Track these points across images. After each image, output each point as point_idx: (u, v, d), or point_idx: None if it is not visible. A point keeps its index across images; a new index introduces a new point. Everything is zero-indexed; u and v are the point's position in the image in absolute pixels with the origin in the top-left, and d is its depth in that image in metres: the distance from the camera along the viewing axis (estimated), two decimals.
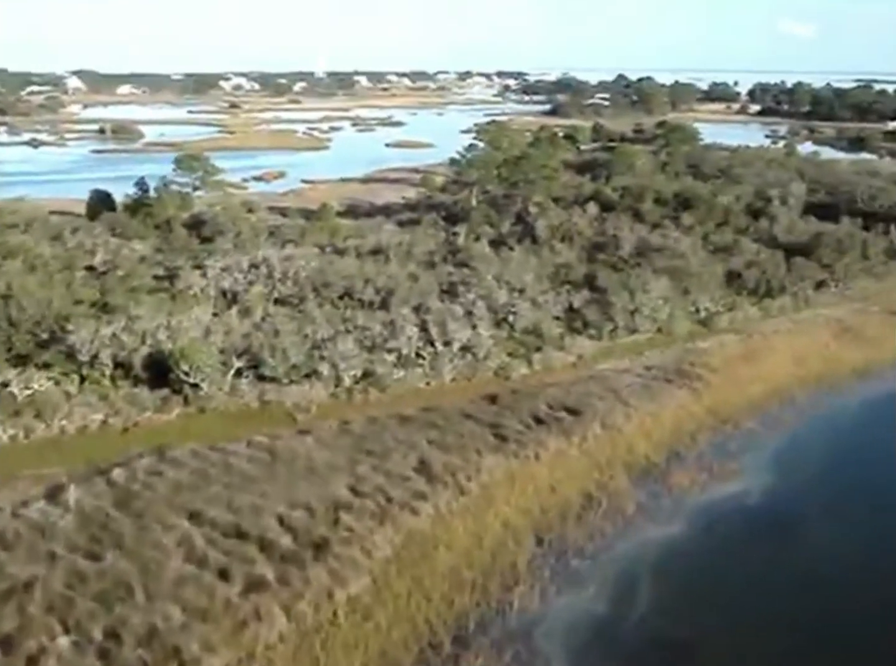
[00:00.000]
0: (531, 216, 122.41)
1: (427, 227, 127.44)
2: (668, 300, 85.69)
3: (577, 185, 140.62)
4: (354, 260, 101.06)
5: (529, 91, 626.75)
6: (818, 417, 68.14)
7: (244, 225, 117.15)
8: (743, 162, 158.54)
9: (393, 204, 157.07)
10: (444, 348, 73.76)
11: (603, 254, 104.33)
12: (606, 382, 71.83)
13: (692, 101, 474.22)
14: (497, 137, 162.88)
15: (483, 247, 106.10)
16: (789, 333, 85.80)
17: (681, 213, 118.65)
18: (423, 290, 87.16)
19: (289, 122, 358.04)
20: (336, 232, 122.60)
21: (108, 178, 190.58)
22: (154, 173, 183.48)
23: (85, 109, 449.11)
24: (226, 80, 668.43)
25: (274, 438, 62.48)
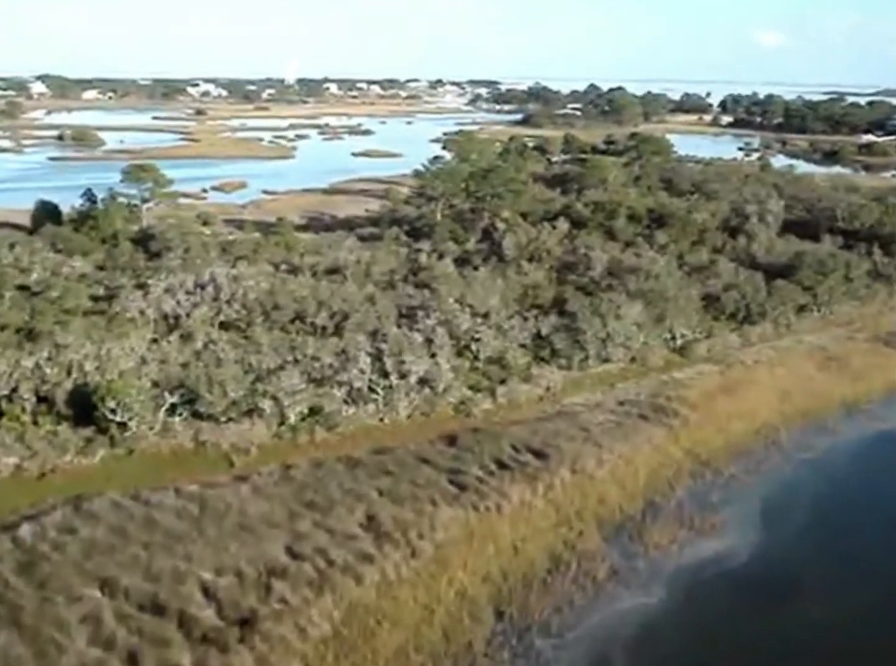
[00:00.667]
0: (498, 232, 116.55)
1: (389, 242, 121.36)
2: (642, 327, 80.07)
3: (547, 200, 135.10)
4: (309, 279, 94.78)
5: (501, 100, 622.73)
6: (806, 461, 62.51)
7: (194, 240, 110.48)
8: (718, 176, 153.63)
9: (355, 217, 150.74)
10: (399, 381, 67.57)
11: (573, 274, 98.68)
12: (576, 420, 65.97)
13: (664, 112, 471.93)
14: (465, 148, 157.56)
15: (447, 266, 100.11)
16: (771, 363, 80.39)
17: (655, 231, 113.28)
18: (380, 315, 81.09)
19: (255, 130, 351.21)
20: (292, 247, 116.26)
21: (62, 187, 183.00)
22: (111, 182, 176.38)
23: (49, 115, 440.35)
24: (194, 87, 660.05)
25: (206, 485, 56.09)
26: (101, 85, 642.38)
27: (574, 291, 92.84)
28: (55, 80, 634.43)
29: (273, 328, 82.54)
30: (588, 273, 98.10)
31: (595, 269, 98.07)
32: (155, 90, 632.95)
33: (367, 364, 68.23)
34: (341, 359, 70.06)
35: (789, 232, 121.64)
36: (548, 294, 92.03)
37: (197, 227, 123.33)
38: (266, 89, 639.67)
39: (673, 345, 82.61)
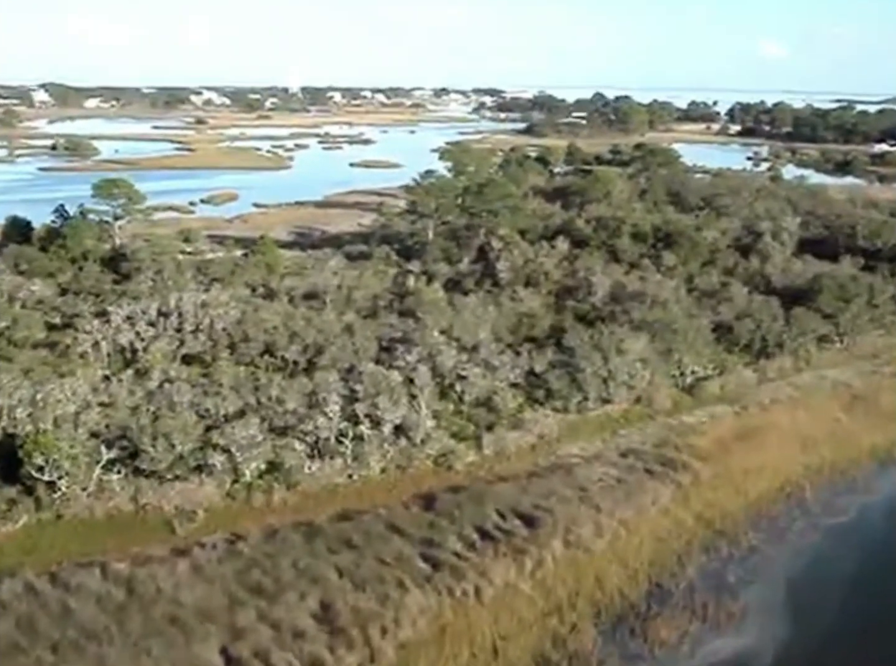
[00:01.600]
0: (494, 252, 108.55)
1: (378, 262, 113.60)
2: (647, 363, 71.97)
3: (547, 216, 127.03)
4: (285, 306, 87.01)
5: (505, 109, 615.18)
6: (837, 528, 54.25)
7: (168, 261, 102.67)
8: (728, 190, 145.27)
9: (345, 233, 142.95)
10: (372, 431, 59.56)
11: (573, 300, 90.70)
12: (572, 475, 57.91)
13: (670, 121, 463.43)
14: (461, 160, 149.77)
15: (436, 291, 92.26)
16: (791, 403, 72.19)
17: (661, 251, 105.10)
18: (358, 348, 73.20)
19: (254, 140, 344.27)
20: (274, 268, 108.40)
21: (49, 199, 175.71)
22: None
23: (51, 124, 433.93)
24: (196, 95, 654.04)
25: (139, 561, 48.24)
26: (105, 93, 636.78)
27: (573, 321, 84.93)
28: (58, 88, 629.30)
29: (241, 362, 74.84)
30: (589, 299, 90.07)
31: (596, 294, 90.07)
32: (158, 99, 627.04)
33: (336, 410, 60.29)
34: (310, 401, 62.35)
35: (805, 251, 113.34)
36: (544, 323, 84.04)
37: (173, 246, 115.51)
38: (269, 98, 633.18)
39: (682, 382, 74.50)
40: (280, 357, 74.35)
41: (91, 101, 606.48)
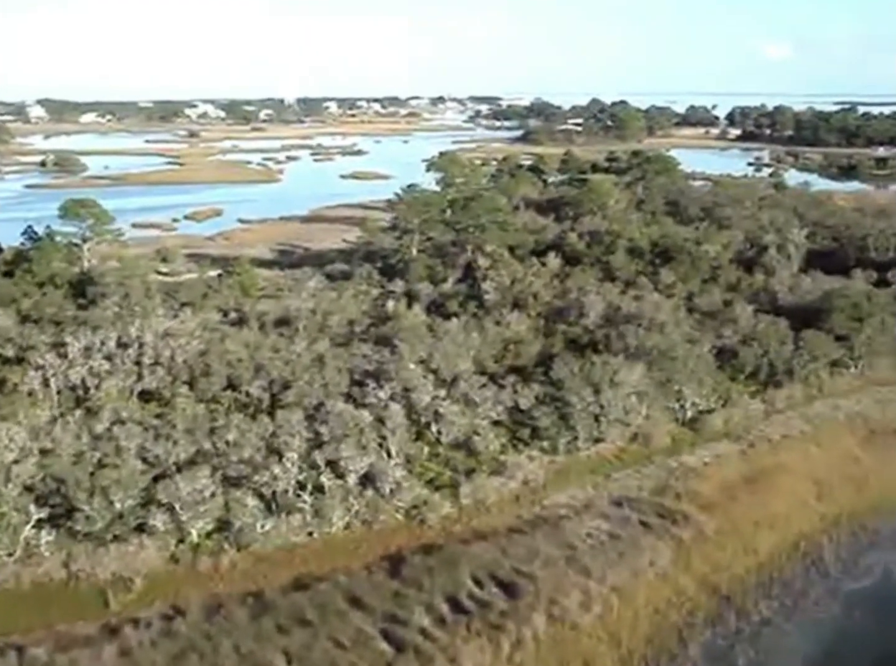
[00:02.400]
0: (480, 270, 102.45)
1: (359, 282, 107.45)
2: (643, 396, 65.69)
3: (538, 229, 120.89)
4: (255, 334, 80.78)
5: (501, 117, 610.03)
6: (860, 593, 47.88)
7: (136, 285, 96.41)
8: (729, 199, 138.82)
9: (328, 250, 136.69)
10: (335, 481, 53.31)
11: (564, 323, 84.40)
12: (559, 531, 51.60)
13: (669, 126, 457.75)
14: (449, 172, 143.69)
15: (416, 315, 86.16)
16: (803, 439, 65.87)
17: (659, 268, 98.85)
18: (328, 382, 67.02)
19: (246, 152, 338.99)
20: (249, 290, 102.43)
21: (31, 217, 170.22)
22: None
23: (47, 139, 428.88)
24: (192, 108, 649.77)
25: (62, 644, 42.20)
26: (101, 108, 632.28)
27: (563, 346, 78.80)
28: (53, 103, 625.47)
29: (202, 398, 68.56)
30: (581, 322, 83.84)
31: (589, 316, 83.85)
32: (153, 112, 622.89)
33: (296, 458, 54.08)
34: (269, 446, 56.26)
35: (813, 265, 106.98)
36: (532, 349, 77.87)
37: (147, 267, 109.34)
38: (265, 110, 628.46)
39: (682, 416, 68.17)
40: (244, 393, 68.05)
41: (87, 115, 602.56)
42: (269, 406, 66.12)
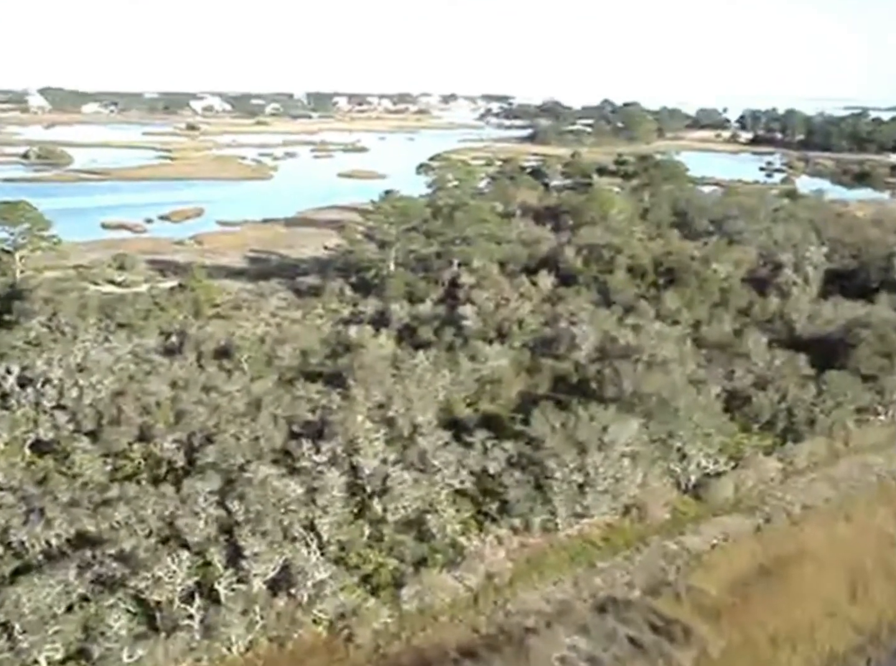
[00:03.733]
0: (464, 289, 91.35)
1: (329, 298, 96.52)
2: (639, 458, 54.30)
3: (533, 242, 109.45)
4: (189, 367, 69.76)
5: (511, 115, 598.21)
6: None
7: (70, 302, 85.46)
8: (741, 210, 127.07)
9: (308, 259, 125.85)
10: (238, 585, 42.11)
11: (551, 357, 73.16)
12: (524, 655, 40.29)
13: (680, 129, 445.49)
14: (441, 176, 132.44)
15: (383, 343, 74.99)
16: (829, 511, 54.66)
17: (663, 291, 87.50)
18: (259, 436, 55.95)
19: (244, 147, 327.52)
20: (202, 307, 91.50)
21: None
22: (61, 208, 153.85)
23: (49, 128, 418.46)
24: (197, 100, 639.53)
25: None
26: (105, 98, 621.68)
27: (549, 386, 67.75)
28: (55, 92, 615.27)
29: (109, 452, 57.35)
30: (571, 355, 72.61)
31: (581, 349, 72.60)
32: (158, 104, 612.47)
33: (195, 549, 43.01)
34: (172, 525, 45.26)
35: (832, 285, 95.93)
36: (511, 391, 66.80)
37: (93, 276, 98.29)
38: (273, 103, 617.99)
39: (685, 480, 56.83)
40: (157, 444, 56.85)
41: (90, 105, 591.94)
42: (185, 467, 54.92)
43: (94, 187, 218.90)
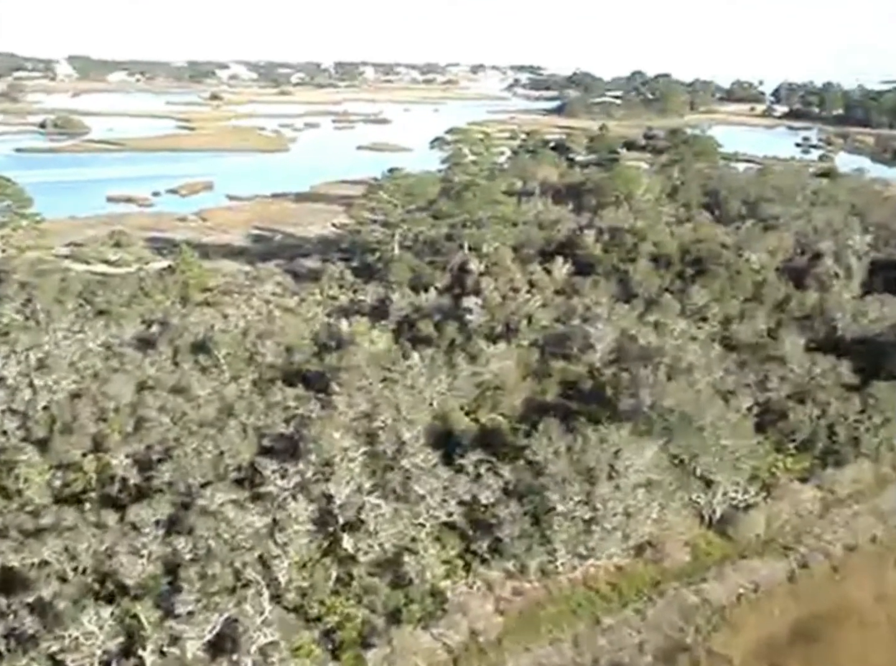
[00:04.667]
0: (472, 276, 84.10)
1: (329, 283, 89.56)
2: (656, 488, 46.98)
3: (550, 224, 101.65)
4: (161, 363, 63.09)
5: (540, 86, 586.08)
6: None
7: (49, 285, 79.10)
8: (777, 192, 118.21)
9: (313, 238, 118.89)
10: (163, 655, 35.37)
11: (562, 358, 65.84)
12: None
13: (713, 102, 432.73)
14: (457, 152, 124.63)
15: (377, 338, 67.95)
16: (876, 553, 47.37)
17: (690, 283, 79.65)
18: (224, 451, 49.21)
19: (265, 118, 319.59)
20: (190, 291, 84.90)
21: None
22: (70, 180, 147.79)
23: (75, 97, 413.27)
24: (223, 69, 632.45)
25: None
26: (133, 66, 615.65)
27: (558, 393, 60.51)
28: (83, 61, 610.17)
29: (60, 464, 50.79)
30: (585, 357, 65.27)
31: (596, 350, 65.23)
32: (184, 73, 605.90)
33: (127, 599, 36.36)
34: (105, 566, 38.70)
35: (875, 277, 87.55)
36: (515, 398, 59.58)
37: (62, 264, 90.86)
38: (299, 73, 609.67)
39: (708, 512, 49.51)
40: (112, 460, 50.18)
41: (116, 74, 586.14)
42: (140, 484, 48.28)
43: (107, 158, 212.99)
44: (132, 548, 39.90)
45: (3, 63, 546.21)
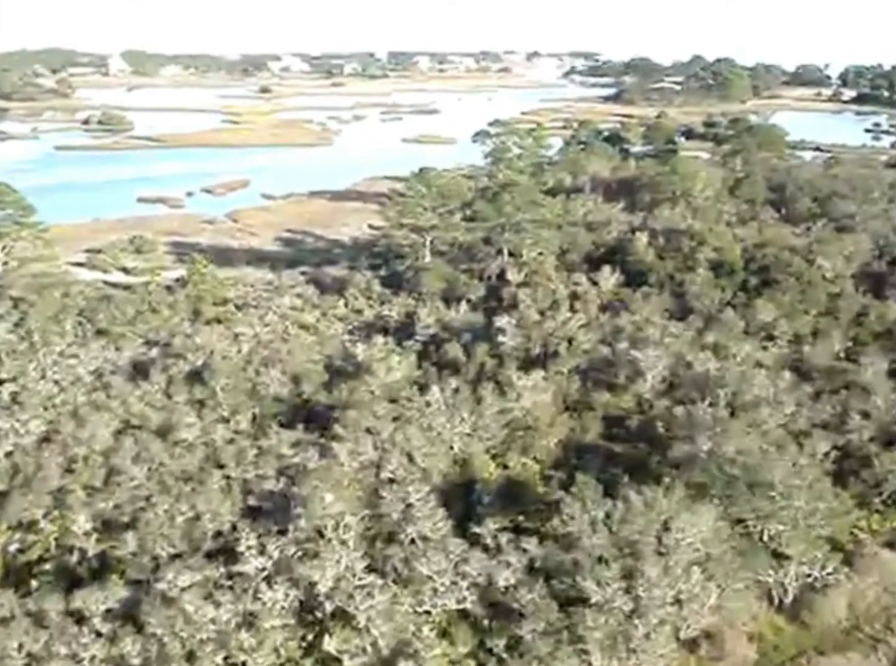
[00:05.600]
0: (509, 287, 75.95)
1: (355, 293, 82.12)
2: (712, 566, 38.45)
3: (599, 225, 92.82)
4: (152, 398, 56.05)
5: (596, 73, 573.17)
6: None
7: (46, 303, 72.56)
8: (849, 186, 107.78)
9: (341, 242, 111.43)
10: None
11: (606, 389, 57.38)
12: None
13: (776, 86, 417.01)
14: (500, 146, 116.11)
15: (396, 365, 60.08)
16: None
17: (754, 295, 70.53)
18: (200, 514, 41.85)
19: (313, 110, 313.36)
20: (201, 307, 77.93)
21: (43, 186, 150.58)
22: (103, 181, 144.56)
23: (129, 92, 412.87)
24: (275, 61, 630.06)
25: None
26: (186, 61, 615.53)
27: (600, 433, 52.20)
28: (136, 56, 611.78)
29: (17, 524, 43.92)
30: (633, 387, 56.79)
31: (646, 379, 56.69)
32: (237, 66, 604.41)
33: None
34: None
35: None
36: (550, 439, 51.35)
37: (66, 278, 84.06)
38: (353, 64, 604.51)
39: (779, 593, 40.81)
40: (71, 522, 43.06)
41: (169, 68, 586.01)
42: (100, 554, 41.10)
43: (146, 155, 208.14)
44: (70, 651, 32.56)
45: (58, 58, 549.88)
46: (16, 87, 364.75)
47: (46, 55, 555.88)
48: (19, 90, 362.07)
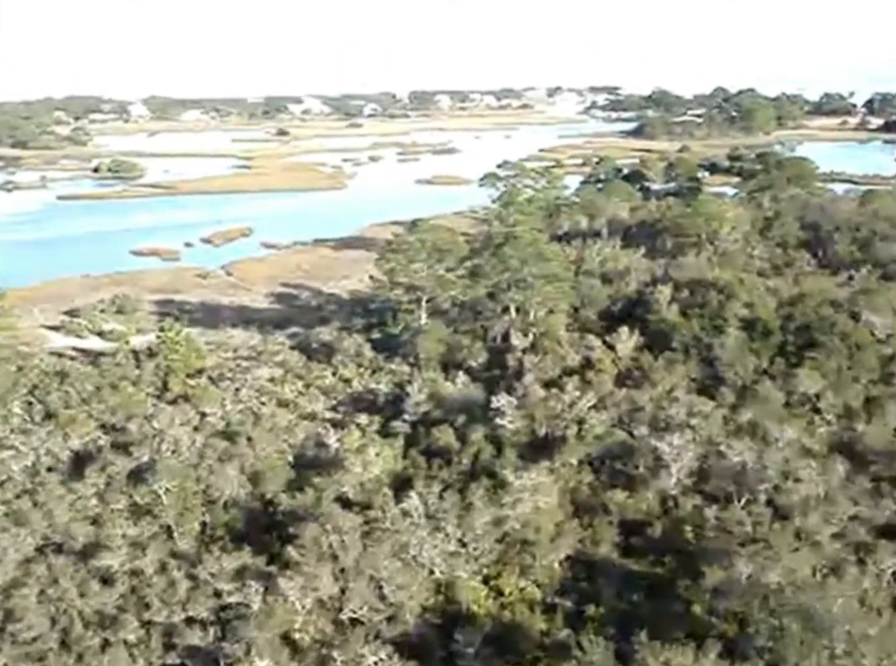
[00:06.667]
0: (514, 353, 66.98)
1: (346, 358, 73.53)
2: None
3: (617, 277, 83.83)
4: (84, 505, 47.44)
5: (618, 107, 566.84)
6: None
7: None
8: (890, 221, 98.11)
9: (337, 297, 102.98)
10: None
11: (621, 486, 48.07)
12: None
13: (800, 116, 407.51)
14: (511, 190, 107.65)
15: (377, 458, 51.16)
16: None
17: (794, 361, 61.07)
18: None
19: (328, 152, 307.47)
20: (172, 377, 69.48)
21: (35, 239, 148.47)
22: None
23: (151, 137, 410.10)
24: (296, 104, 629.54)
25: None
26: (208, 105, 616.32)
27: (612, 547, 42.95)
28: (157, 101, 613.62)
29: None
30: (654, 482, 47.48)
31: (671, 473, 47.38)
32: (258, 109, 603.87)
33: None
34: None
35: None
36: (552, 556, 42.11)
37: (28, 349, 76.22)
38: (372, 104, 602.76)
39: None
40: None
41: (190, 113, 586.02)
42: None
43: (152, 203, 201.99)
44: None
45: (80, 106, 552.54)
46: (32, 136, 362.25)
47: (69, 103, 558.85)
48: (35, 139, 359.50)
